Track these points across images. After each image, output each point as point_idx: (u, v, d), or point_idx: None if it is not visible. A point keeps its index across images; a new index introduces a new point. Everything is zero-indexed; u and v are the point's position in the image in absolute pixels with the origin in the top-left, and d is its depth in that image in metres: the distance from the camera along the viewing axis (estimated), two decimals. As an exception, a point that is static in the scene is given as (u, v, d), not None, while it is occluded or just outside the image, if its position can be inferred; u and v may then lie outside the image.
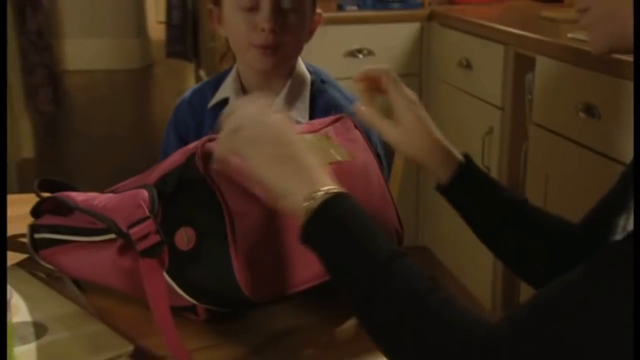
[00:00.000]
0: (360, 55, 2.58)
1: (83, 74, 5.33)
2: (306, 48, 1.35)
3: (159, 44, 5.40)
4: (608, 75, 1.69)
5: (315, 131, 0.98)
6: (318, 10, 1.34)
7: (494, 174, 2.20)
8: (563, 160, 1.91)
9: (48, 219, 1.00)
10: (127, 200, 0.87)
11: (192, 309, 0.89)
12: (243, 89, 1.34)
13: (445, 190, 0.98)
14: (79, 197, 0.96)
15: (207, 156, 0.86)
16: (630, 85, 1.60)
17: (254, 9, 1.24)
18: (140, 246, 0.82)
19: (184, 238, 0.85)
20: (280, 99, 1.30)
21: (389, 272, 0.70)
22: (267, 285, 0.86)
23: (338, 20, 2.55)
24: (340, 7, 2.69)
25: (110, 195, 0.94)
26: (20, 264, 1.03)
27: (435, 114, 1.38)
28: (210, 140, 0.87)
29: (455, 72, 2.47)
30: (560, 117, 1.90)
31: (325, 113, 1.13)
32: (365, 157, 0.99)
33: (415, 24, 2.64)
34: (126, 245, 0.87)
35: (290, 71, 1.33)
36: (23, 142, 3.37)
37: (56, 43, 3.79)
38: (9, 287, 0.72)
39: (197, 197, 0.86)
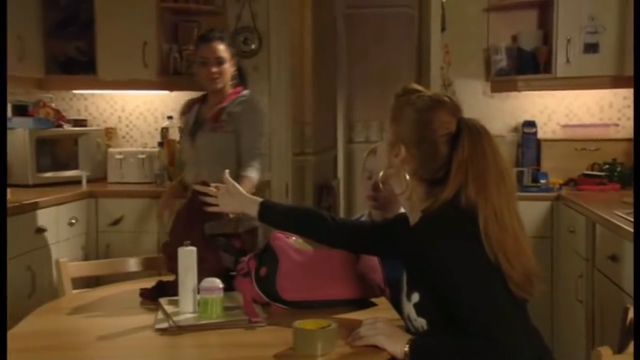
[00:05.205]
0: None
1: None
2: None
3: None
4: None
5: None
6: None
7: None
8: None
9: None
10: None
11: (268, 304, 2.10)
12: (370, 215, 2.55)
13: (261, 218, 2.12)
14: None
15: (274, 238, 2.10)
16: None
17: (368, 180, 2.48)
18: (240, 273, 2.10)
19: (263, 271, 2.09)
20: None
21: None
22: (295, 294, 2.04)
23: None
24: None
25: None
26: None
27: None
28: (278, 235, 2.13)
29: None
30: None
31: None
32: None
33: (546, 203, 3.62)
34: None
35: None
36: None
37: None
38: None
39: (269, 255, 2.10)
